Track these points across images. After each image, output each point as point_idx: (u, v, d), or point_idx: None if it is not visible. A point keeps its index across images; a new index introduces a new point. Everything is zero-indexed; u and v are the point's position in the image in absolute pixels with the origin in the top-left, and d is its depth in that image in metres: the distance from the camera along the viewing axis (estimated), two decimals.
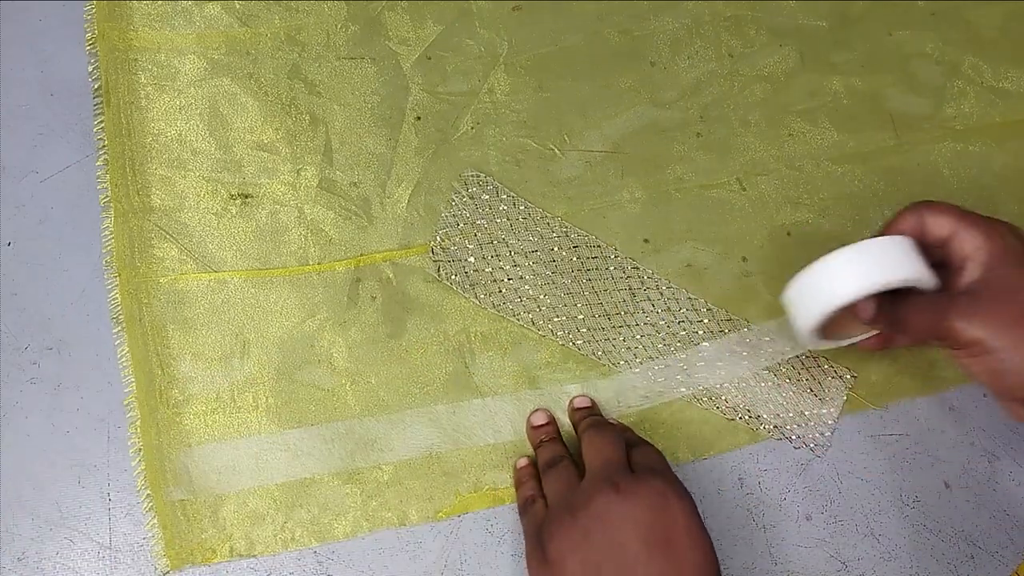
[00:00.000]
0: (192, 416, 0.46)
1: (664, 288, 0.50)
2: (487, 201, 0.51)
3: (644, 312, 0.49)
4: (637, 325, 0.49)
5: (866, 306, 0.41)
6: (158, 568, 0.44)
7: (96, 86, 0.51)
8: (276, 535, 0.45)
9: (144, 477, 0.45)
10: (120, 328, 0.48)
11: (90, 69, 0.51)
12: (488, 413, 0.48)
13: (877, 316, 0.41)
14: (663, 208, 0.51)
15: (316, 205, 0.50)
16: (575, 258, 0.50)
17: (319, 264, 0.49)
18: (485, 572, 0.45)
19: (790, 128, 0.53)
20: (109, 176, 0.50)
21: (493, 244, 0.50)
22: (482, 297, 0.49)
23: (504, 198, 0.51)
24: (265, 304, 0.49)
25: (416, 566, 0.45)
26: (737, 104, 0.53)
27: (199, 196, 0.50)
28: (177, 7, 0.52)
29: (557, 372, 0.48)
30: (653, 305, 0.49)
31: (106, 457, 0.46)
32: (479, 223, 0.50)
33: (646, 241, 0.51)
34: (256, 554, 0.45)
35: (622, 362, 0.48)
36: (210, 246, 0.49)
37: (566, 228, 0.50)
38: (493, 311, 0.49)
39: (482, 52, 0.53)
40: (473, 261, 0.49)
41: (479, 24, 0.54)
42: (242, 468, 0.46)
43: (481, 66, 0.53)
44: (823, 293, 0.41)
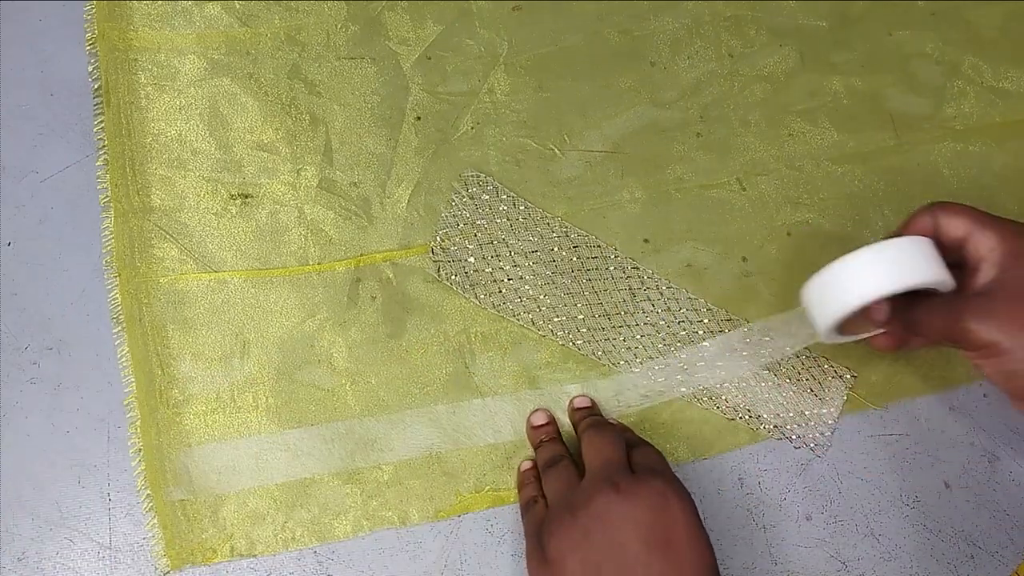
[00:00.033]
0: (192, 416, 0.46)
1: (664, 288, 0.50)
2: (487, 201, 0.51)
3: (644, 312, 0.49)
4: (637, 325, 0.49)
5: (880, 308, 0.41)
6: (158, 568, 0.44)
7: (96, 86, 0.51)
8: (276, 535, 0.45)
9: (144, 477, 0.45)
10: (120, 328, 0.48)
11: (90, 69, 0.51)
12: (488, 413, 0.48)
13: (891, 318, 0.41)
14: (663, 208, 0.51)
15: (316, 205, 0.50)
16: (575, 258, 0.50)
17: (319, 264, 0.49)
18: (485, 572, 0.45)
19: (790, 128, 0.53)
20: (109, 176, 0.50)
21: (493, 244, 0.50)
22: (482, 297, 0.49)
23: (504, 198, 0.51)
24: (265, 304, 0.49)
25: (416, 566, 0.45)
26: (737, 104, 0.53)
27: (199, 196, 0.50)
28: (177, 7, 0.52)
29: (557, 372, 0.48)
30: (653, 305, 0.49)
31: (106, 457, 0.46)
32: (479, 223, 0.50)
33: (646, 241, 0.51)
34: (256, 554, 0.45)
35: (622, 362, 0.48)
36: (210, 246, 0.49)
37: (566, 228, 0.50)
38: (493, 311, 0.49)
39: (482, 52, 0.53)
40: (473, 261, 0.49)
41: (479, 24, 0.54)
42: (242, 468, 0.46)
43: (481, 66, 0.53)
44: (842, 293, 0.41)
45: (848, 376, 0.49)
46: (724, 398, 0.48)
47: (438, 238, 0.50)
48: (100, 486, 0.46)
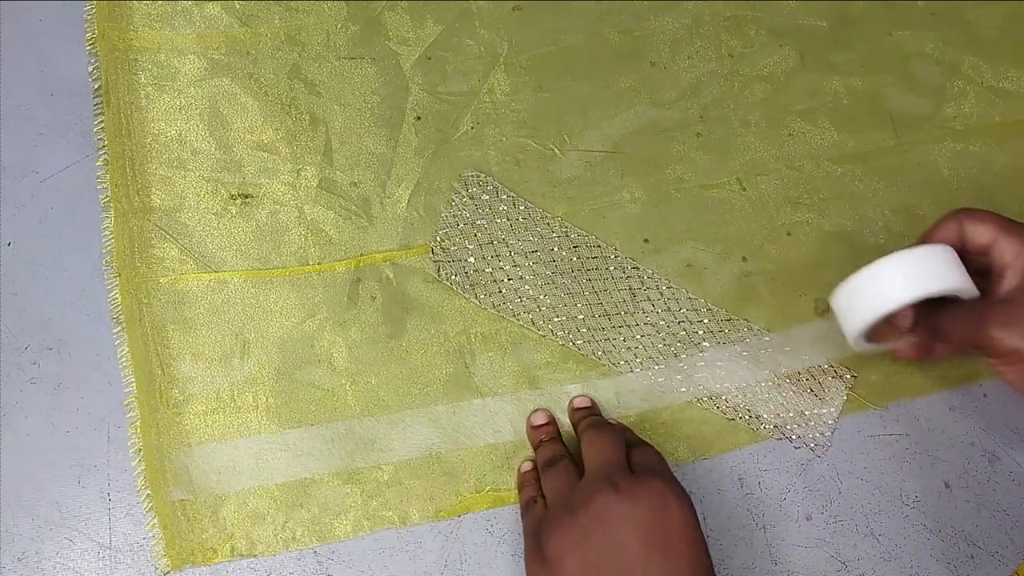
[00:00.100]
0: (192, 416, 0.46)
1: (664, 288, 0.50)
2: (487, 201, 0.51)
3: (644, 312, 0.49)
4: (637, 325, 0.49)
5: (905, 315, 0.42)
6: (159, 568, 0.44)
7: (96, 86, 0.51)
8: (277, 535, 0.45)
9: (144, 477, 0.45)
10: (120, 328, 0.48)
11: (90, 69, 0.51)
12: (488, 413, 0.48)
13: (916, 325, 0.42)
14: (663, 208, 0.51)
15: (316, 205, 0.50)
16: (575, 258, 0.50)
17: (319, 264, 0.49)
18: (485, 572, 0.45)
19: (790, 128, 0.53)
20: (109, 176, 0.50)
21: (493, 244, 0.50)
22: (482, 297, 0.49)
23: (504, 198, 0.51)
24: (265, 304, 0.49)
25: (416, 566, 0.45)
26: (737, 104, 0.53)
27: (199, 196, 0.50)
28: (177, 7, 0.52)
29: (557, 372, 0.48)
30: (653, 305, 0.49)
31: (106, 457, 0.46)
32: (479, 223, 0.50)
33: (646, 241, 0.51)
34: (257, 554, 0.45)
35: (622, 362, 0.48)
36: (210, 246, 0.49)
37: (566, 228, 0.50)
38: (493, 311, 0.49)
39: (482, 52, 0.53)
40: (473, 261, 0.49)
41: (479, 24, 0.54)
42: (242, 468, 0.46)
43: (481, 66, 0.53)
44: (869, 300, 0.42)
45: (848, 376, 0.49)
46: (724, 398, 0.48)
47: (438, 238, 0.50)
48: (100, 486, 0.46)
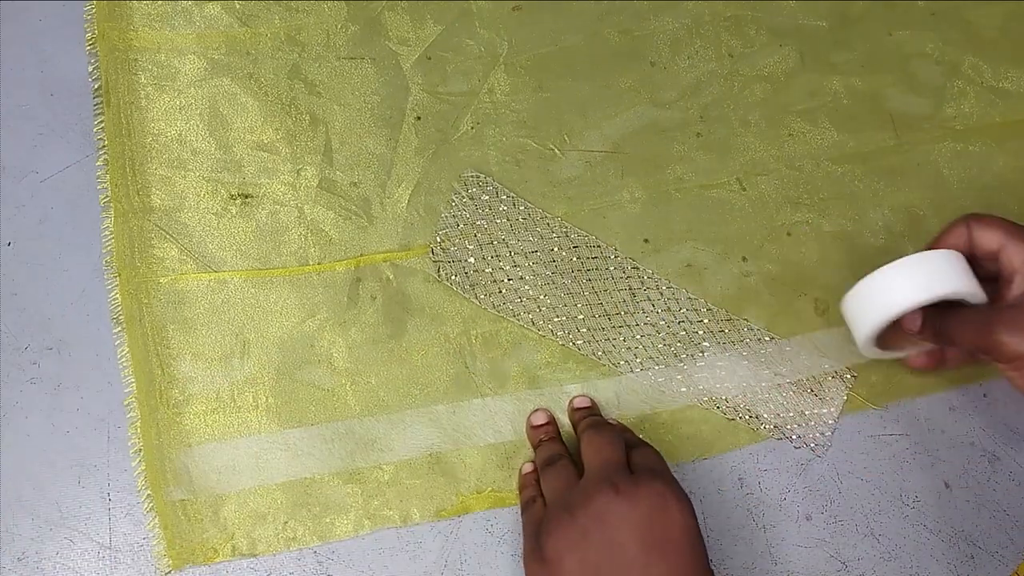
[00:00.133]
0: (192, 416, 0.46)
1: (664, 288, 0.50)
2: (487, 202, 0.51)
3: (644, 312, 0.49)
4: (637, 325, 0.49)
5: (913, 318, 0.42)
6: (159, 568, 0.44)
7: (96, 86, 0.51)
8: (278, 534, 0.45)
9: (145, 477, 0.45)
10: (120, 328, 0.48)
11: (90, 69, 0.51)
12: (488, 413, 0.48)
13: (923, 329, 0.42)
14: (663, 208, 0.51)
15: (316, 205, 0.50)
16: (575, 258, 0.50)
17: (319, 264, 0.49)
18: (485, 572, 0.45)
19: (790, 128, 0.53)
20: (109, 176, 0.50)
21: (493, 245, 0.50)
22: (482, 298, 0.49)
23: (504, 199, 0.51)
24: (265, 304, 0.49)
25: (416, 566, 0.45)
26: (737, 104, 0.53)
27: (199, 196, 0.50)
28: (177, 7, 0.52)
29: (557, 372, 0.48)
30: (653, 305, 0.49)
31: (106, 457, 0.46)
32: (479, 224, 0.50)
33: (646, 241, 0.51)
34: (258, 553, 0.45)
35: (622, 362, 0.48)
36: (210, 246, 0.49)
37: (566, 228, 0.50)
38: (493, 311, 0.49)
39: (482, 52, 0.53)
40: (473, 262, 0.49)
41: (479, 24, 0.54)
42: (242, 468, 0.46)
43: (481, 66, 0.53)
44: (877, 305, 0.42)
45: (848, 376, 0.49)
46: (724, 398, 0.48)
47: (438, 238, 0.50)
48: (100, 486, 0.46)
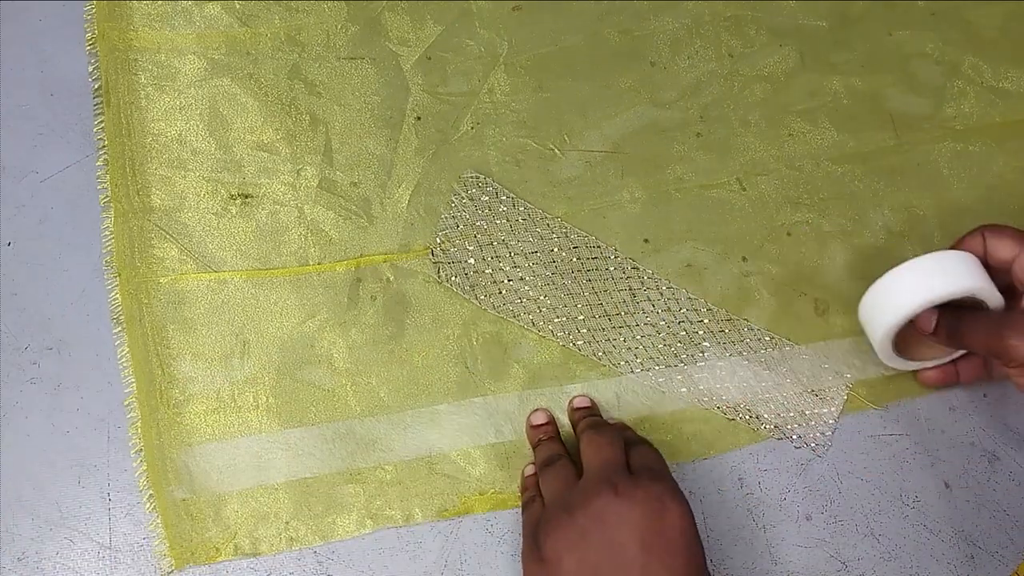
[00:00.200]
0: (193, 416, 0.46)
1: (664, 288, 0.50)
2: (487, 203, 0.51)
3: (644, 312, 0.49)
4: (637, 325, 0.49)
5: (927, 317, 0.43)
6: (161, 567, 0.44)
7: (96, 86, 0.51)
8: (280, 533, 0.45)
9: (146, 477, 0.45)
10: (120, 328, 0.48)
11: (90, 69, 0.51)
12: (489, 413, 0.48)
13: (937, 329, 0.43)
14: (663, 208, 0.51)
15: (316, 205, 0.50)
16: (575, 259, 0.50)
17: (319, 264, 0.49)
18: (485, 572, 0.45)
19: (790, 128, 0.53)
20: (109, 176, 0.50)
21: (493, 246, 0.50)
22: (482, 299, 0.49)
23: (504, 199, 0.51)
24: (265, 304, 0.49)
25: (416, 566, 0.45)
26: (737, 104, 0.53)
27: (199, 196, 0.50)
28: (177, 7, 0.52)
29: (557, 372, 0.48)
30: (653, 305, 0.49)
31: (106, 457, 0.46)
32: (479, 225, 0.50)
33: (646, 241, 0.51)
34: (260, 553, 0.45)
35: (623, 362, 0.48)
36: (210, 246, 0.49)
37: (566, 229, 0.50)
38: (493, 312, 0.49)
39: (482, 52, 0.53)
40: (473, 263, 0.49)
41: (479, 24, 0.54)
42: (243, 467, 0.46)
43: (481, 66, 0.53)
44: (892, 304, 0.43)
45: (848, 376, 0.49)
46: (724, 398, 0.48)
47: (438, 240, 0.50)
48: (100, 486, 0.46)
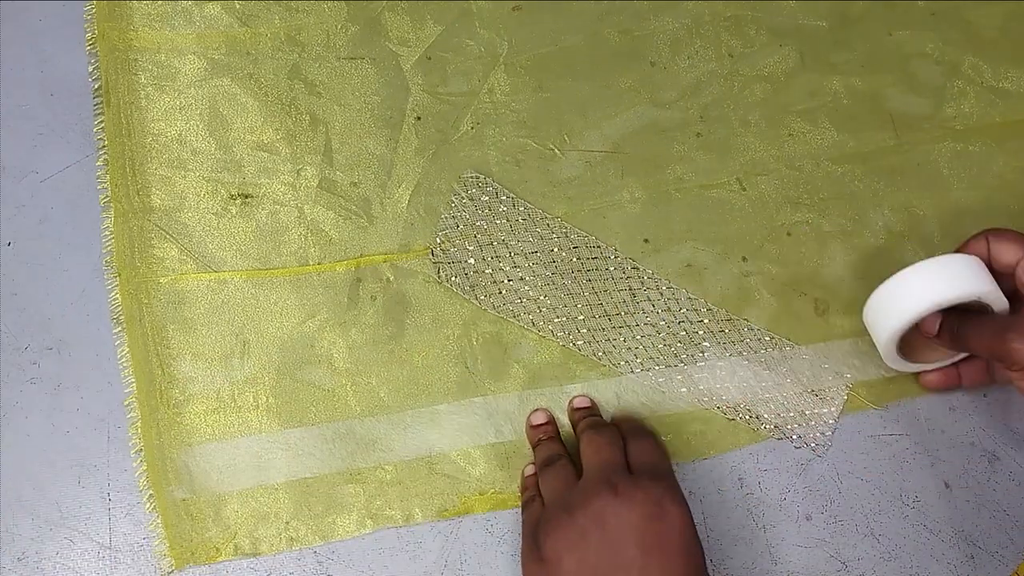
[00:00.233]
0: (193, 416, 0.46)
1: (664, 288, 0.50)
2: (487, 203, 0.51)
3: (644, 312, 0.49)
4: (637, 325, 0.49)
5: (932, 321, 0.43)
6: (161, 567, 0.44)
7: (96, 86, 0.51)
8: (280, 533, 0.45)
9: (146, 477, 0.45)
10: (120, 328, 0.48)
11: (90, 69, 0.51)
12: (489, 413, 0.48)
13: (941, 333, 0.43)
14: (663, 208, 0.51)
15: (316, 205, 0.50)
16: (575, 259, 0.50)
17: (319, 264, 0.49)
18: (485, 572, 0.45)
19: (790, 128, 0.53)
20: (109, 176, 0.50)
21: (493, 246, 0.50)
22: (482, 299, 0.49)
23: (504, 199, 0.51)
24: (265, 304, 0.49)
25: (416, 566, 0.45)
26: (737, 104, 0.53)
27: (199, 196, 0.50)
28: (177, 7, 0.52)
29: (557, 372, 0.48)
30: (653, 305, 0.49)
31: (106, 457, 0.46)
32: (479, 225, 0.50)
33: (646, 241, 0.51)
34: (260, 553, 0.45)
35: (623, 362, 0.48)
36: (210, 246, 0.49)
37: (566, 229, 0.50)
38: (493, 312, 0.49)
39: (482, 52, 0.53)
40: (473, 263, 0.49)
41: (479, 24, 0.54)
42: (243, 467, 0.46)
43: (481, 66, 0.53)
44: (897, 307, 0.43)
45: (848, 376, 0.49)
46: (724, 398, 0.48)
47: (438, 240, 0.50)
48: (100, 486, 0.46)
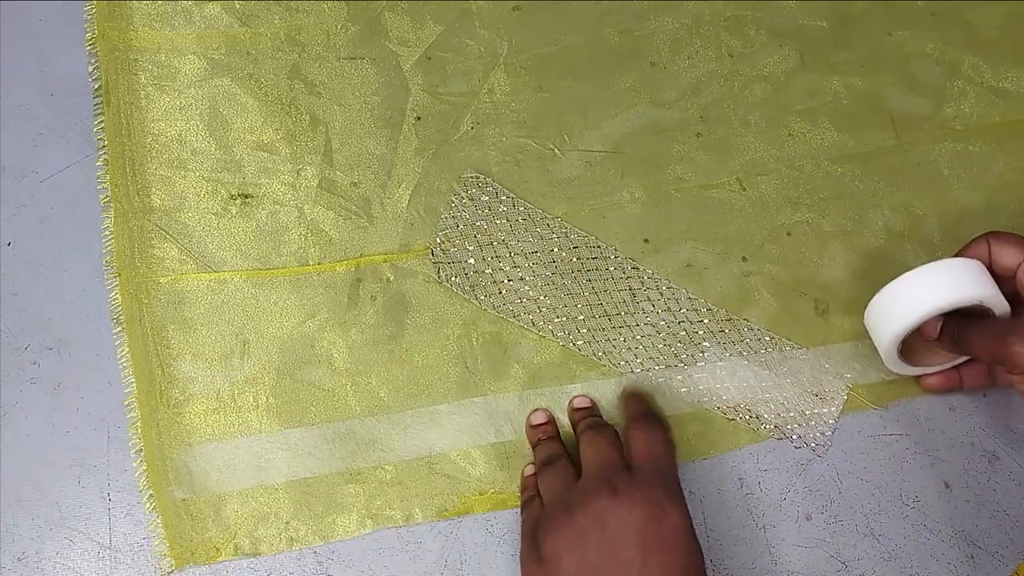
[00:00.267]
0: (193, 416, 0.46)
1: (664, 288, 0.50)
2: (487, 203, 0.51)
3: (644, 312, 0.49)
4: (637, 325, 0.49)
5: (933, 324, 0.43)
6: (161, 567, 0.44)
7: (96, 86, 0.51)
8: (280, 533, 0.45)
9: (146, 477, 0.45)
10: (120, 328, 0.48)
11: (90, 69, 0.51)
12: (489, 413, 0.48)
13: (942, 336, 0.43)
14: (663, 208, 0.51)
15: (316, 205, 0.50)
16: (575, 259, 0.50)
17: (319, 264, 0.49)
18: (485, 572, 0.45)
19: (790, 128, 0.53)
20: (109, 176, 0.50)
21: (493, 246, 0.50)
22: (482, 299, 0.49)
23: (504, 199, 0.51)
24: (265, 304, 0.49)
25: (416, 566, 0.45)
26: (737, 104, 0.53)
27: (199, 196, 0.50)
28: (177, 7, 0.52)
29: (557, 372, 0.48)
30: (653, 305, 0.49)
31: (106, 457, 0.46)
32: (479, 225, 0.50)
33: (646, 241, 0.51)
34: (260, 553, 0.45)
35: (623, 362, 0.48)
36: (210, 246, 0.49)
37: (566, 229, 0.50)
38: (493, 312, 0.49)
39: (482, 52, 0.53)
40: (473, 263, 0.49)
41: (479, 24, 0.54)
42: (243, 467, 0.46)
43: (481, 66, 0.53)
44: (898, 311, 0.43)
45: (848, 376, 0.49)
46: (724, 398, 0.48)
47: (438, 240, 0.50)
48: (100, 486, 0.46)
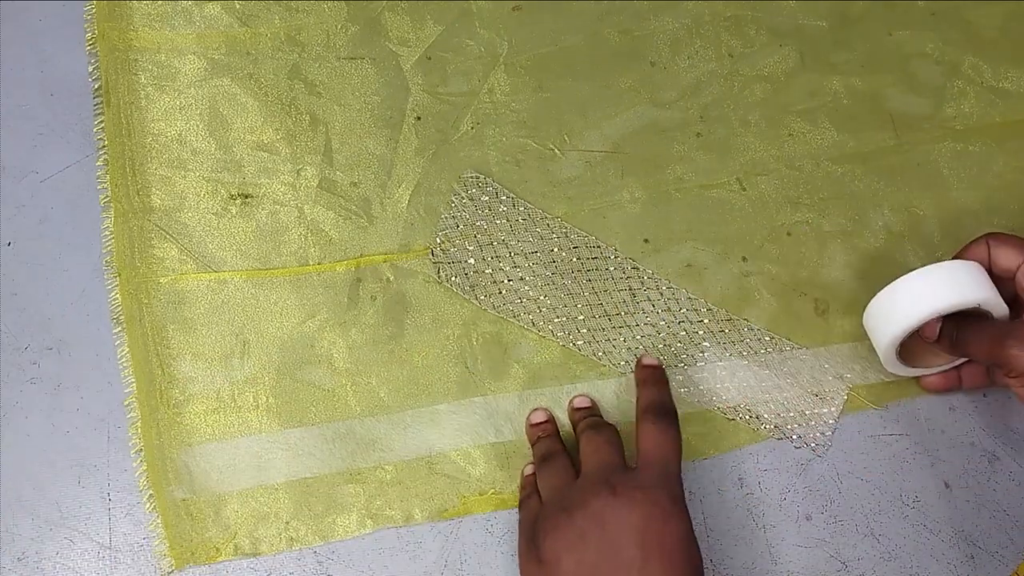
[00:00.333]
0: (193, 416, 0.46)
1: (664, 288, 0.50)
2: (487, 203, 0.51)
3: (644, 312, 0.49)
4: (637, 325, 0.49)
5: (932, 326, 0.43)
6: (161, 567, 0.44)
7: (96, 86, 0.51)
8: (280, 533, 0.45)
9: (146, 477, 0.45)
10: (120, 328, 0.48)
11: (90, 69, 0.51)
12: (489, 413, 0.48)
13: (941, 338, 0.43)
14: (663, 208, 0.51)
15: (316, 205, 0.50)
16: (575, 259, 0.50)
17: (319, 264, 0.49)
18: (485, 572, 0.45)
19: (790, 128, 0.53)
20: (109, 176, 0.50)
21: (493, 246, 0.50)
22: (482, 299, 0.49)
23: (504, 199, 0.51)
24: (265, 304, 0.49)
25: (416, 566, 0.45)
26: (737, 104, 0.53)
27: (199, 196, 0.50)
28: (177, 7, 0.52)
29: (557, 372, 0.48)
30: (653, 305, 0.49)
31: (106, 457, 0.46)
32: (479, 225, 0.50)
33: (646, 241, 0.51)
34: (260, 553, 0.45)
35: (623, 362, 0.48)
36: (210, 246, 0.49)
37: (566, 229, 0.50)
38: (493, 312, 0.49)
39: (482, 52, 0.53)
40: (473, 263, 0.49)
41: (479, 24, 0.54)
42: (243, 467, 0.46)
43: (481, 66, 0.53)
44: (898, 312, 0.43)
45: (848, 376, 0.49)
46: (724, 398, 0.48)
47: (438, 240, 0.50)
48: (100, 486, 0.46)
